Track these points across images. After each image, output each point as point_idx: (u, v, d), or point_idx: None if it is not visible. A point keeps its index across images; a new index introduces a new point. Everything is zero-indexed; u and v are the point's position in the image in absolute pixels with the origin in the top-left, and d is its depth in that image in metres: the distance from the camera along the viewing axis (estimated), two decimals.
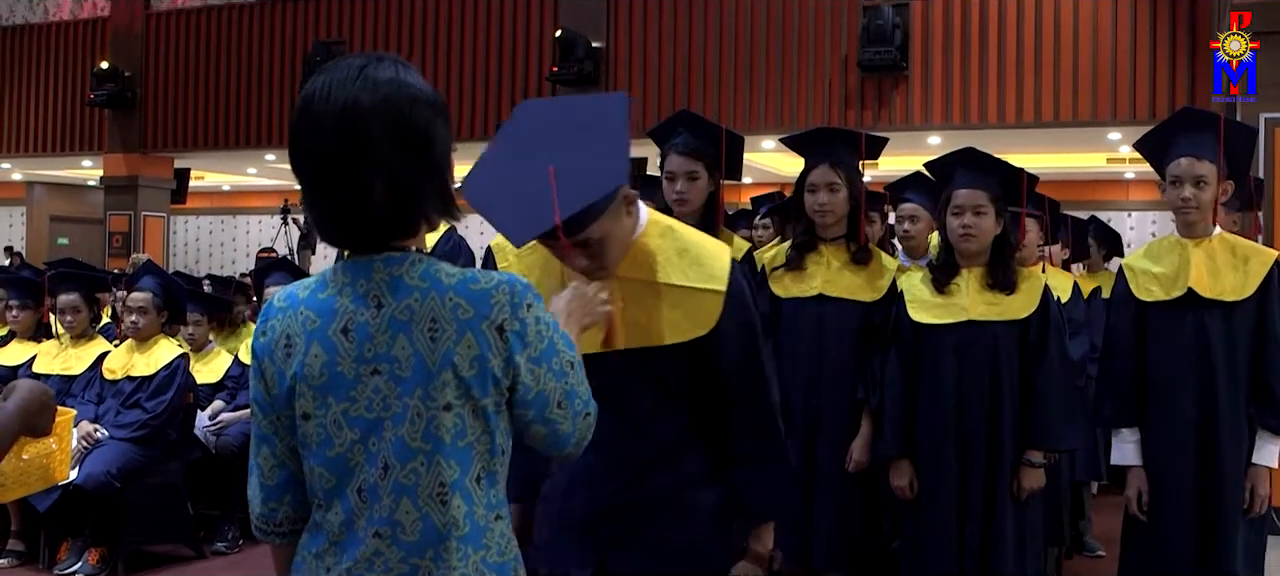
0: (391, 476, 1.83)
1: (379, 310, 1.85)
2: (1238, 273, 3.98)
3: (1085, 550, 6.49)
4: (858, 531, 4.36)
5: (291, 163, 1.91)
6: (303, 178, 1.90)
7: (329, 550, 1.87)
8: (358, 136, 1.83)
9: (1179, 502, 4.00)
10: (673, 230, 2.64)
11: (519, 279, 1.93)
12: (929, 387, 4.09)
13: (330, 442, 1.86)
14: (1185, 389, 4.00)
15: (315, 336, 1.86)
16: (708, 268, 2.58)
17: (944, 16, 11.78)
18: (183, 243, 22.99)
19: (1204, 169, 3.93)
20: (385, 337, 1.85)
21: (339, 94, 1.85)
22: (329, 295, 1.89)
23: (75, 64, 16.38)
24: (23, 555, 6.30)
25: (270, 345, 1.91)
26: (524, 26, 13.60)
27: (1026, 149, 12.63)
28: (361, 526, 1.84)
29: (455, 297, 1.86)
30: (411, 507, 1.83)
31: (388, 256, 1.88)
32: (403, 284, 1.86)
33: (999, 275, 4.05)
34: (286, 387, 1.88)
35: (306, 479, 1.91)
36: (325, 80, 1.88)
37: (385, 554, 1.83)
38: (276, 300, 1.95)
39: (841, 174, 4.30)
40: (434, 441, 1.84)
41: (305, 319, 1.88)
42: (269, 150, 15.91)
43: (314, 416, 1.86)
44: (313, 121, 1.86)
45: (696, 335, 2.55)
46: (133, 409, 6.26)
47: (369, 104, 1.84)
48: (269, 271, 7.81)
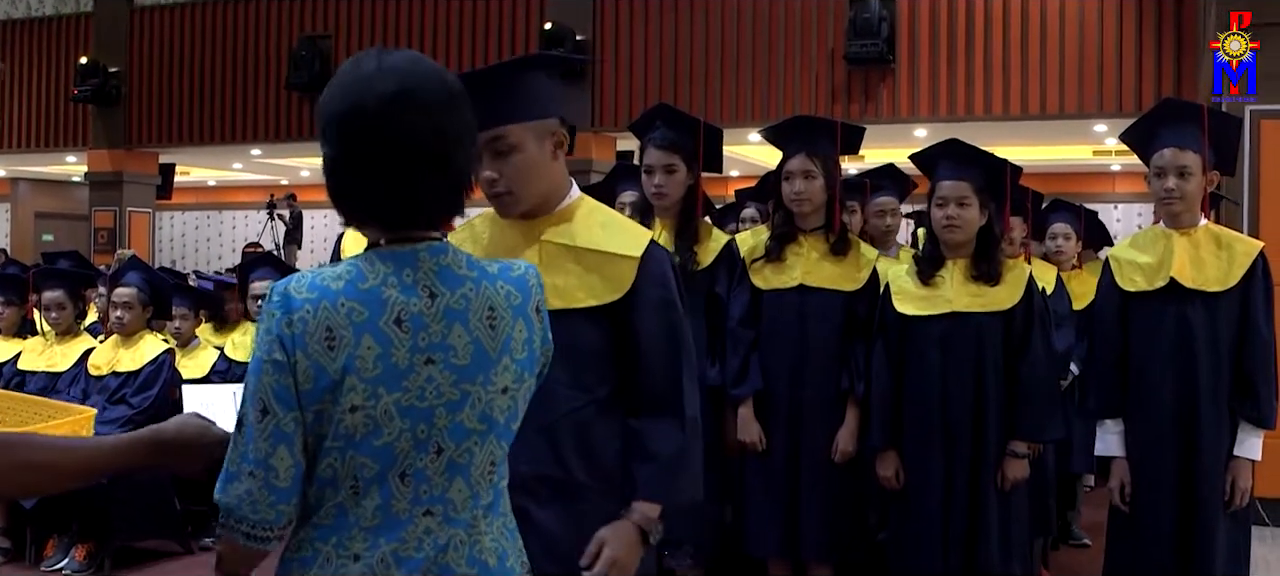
0: (444, 457, 1.87)
1: (433, 300, 1.87)
2: (1221, 263, 3.98)
3: (1072, 540, 6.51)
4: (844, 522, 4.37)
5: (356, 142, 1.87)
6: (387, 158, 1.86)
7: (357, 537, 1.84)
8: (453, 118, 1.89)
9: (1159, 494, 4.00)
10: (600, 209, 2.73)
11: (532, 264, 2.04)
12: (914, 379, 4.11)
13: (379, 432, 1.83)
14: (1166, 380, 4.00)
15: (366, 328, 1.83)
16: (627, 237, 2.66)
17: (930, 9, 11.79)
18: (168, 238, 22.92)
19: (1188, 159, 3.94)
20: (440, 327, 1.86)
21: (423, 78, 1.88)
22: (373, 286, 1.85)
23: (59, 59, 16.30)
24: (9, 552, 6.29)
25: (303, 338, 1.82)
26: (510, 19, 13.57)
27: (1013, 141, 12.65)
28: (404, 508, 1.85)
29: (505, 286, 1.94)
30: (464, 485, 1.89)
31: (431, 246, 1.90)
32: (452, 274, 1.90)
33: (984, 266, 4.07)
34: (329, 382, 1.81)
35: (331, 471, 1.85)
36: (389, 63, 1.88)
37: (434, 531, 1.87)
38: (297, 291, 1.85)
39: (818, 162, 4.31)
40: (489, 422, 1.91)
41: (350, 310, 1.83)
42: (254, 145, 15.87)
43: (362, 408, 1.82)
44: (417, 102, 1.86)
45: (610, 299, 2.58)
46: (118, 404, 6.24)
47: (452, 91, 1.91)
48: (255, 266, 7.79)
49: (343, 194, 1.91)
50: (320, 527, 1.87)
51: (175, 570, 6.29)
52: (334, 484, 1.86)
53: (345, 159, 1.89)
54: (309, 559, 1.86)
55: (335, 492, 1.86)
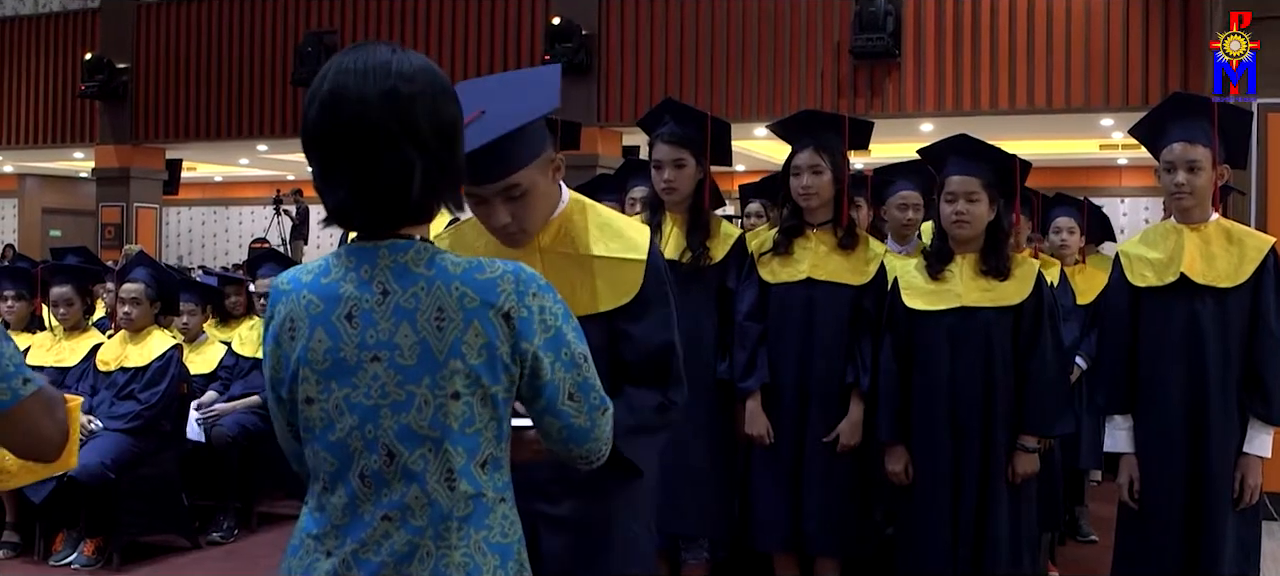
0: (398, 462, 1.85)
1: (384, 297, 1.87)
2: (1232, 259, 3.94)
3: (1080, 535, 6.50)
4: (851, 517, 4.36)
5: (316, 141, 1.90)
6: (333, 156, 1.89)
7: (330, 533, 1.89)
8: (406, 118, 1.86)
9: (1168, 490, 3.97)
10: (591, 207, 2.73)
11: (524, 267, 1.95)
12: (923, 374, 4.10)
13: (332, 427, 1.88)
14: (1176, 376, 3.96)
15: (319, 321, 1.88)
16: (628, 239, 2.67)
17: (936, 3, 11.79)
18: (175, 233, 22.96)
19: (1197, 154, 3.90)
20: (388, 325, 1.86)
21: (379, 76, 1.86)
22: (333, 280, 1.90)
23: (66, 55, 16.33)
24: (18, 547, 6.30)
25: (277, 329, 1.94)
26: (515, 14, 13.58)
27: (1019, 135, 12.65)
28: (368, 510, 1.86)
29: (461, 287, 1.87)
30: (420, 492, 1.85)
31: (393, 243, 1.89)
32: (409, 272, 1.88)
33: (992, 261, 4.06)
34: (291, 371, 1.91)
35: (309, 460, 1.94)
36: (356, 60, 1.88)
37: (393, 536, 1.85)
38: (282, 284, 1.97)
39: (826, 157, 4.32)
40: (442, 428, 1.86)
41: (309, 303, 1.90)
42: (261, 141, 15.90)
43: (316, 400, 1.89)
44: (355, 100, 1.85)
45: (621, 303, 2.61)
46: (127, 400, 6.25)
47: (413, 89, 1.87)
48: (261, 262, 7.81)
49: (321, 194, 1.93)
50: (309, 516, 1.94)
51: (183, 565, 6.30)
52: (313, 475, 1.94)
53: (317, 162, 1.92)
54: (296, 547, 1.95)
55: (315, 483, 1.93)
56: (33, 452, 2.07)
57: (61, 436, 2.07)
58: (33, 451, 2.07)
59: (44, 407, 2.02)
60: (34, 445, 2.04)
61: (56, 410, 2.06)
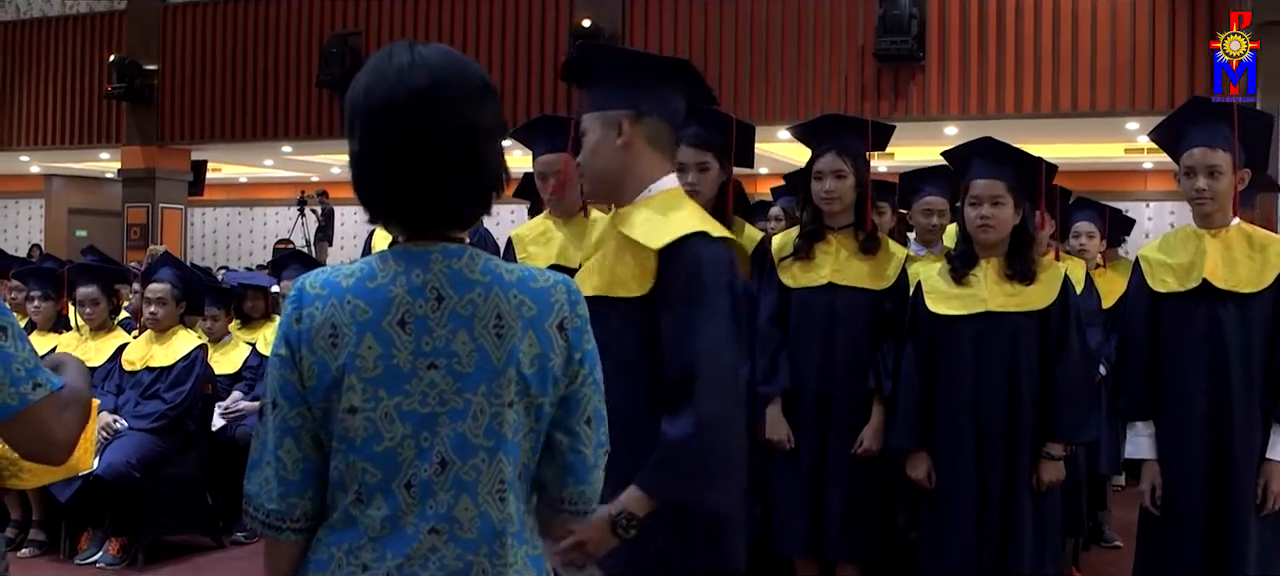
0: (450, 472, 1.81)
1: (439, 303, 1.82)
2: (1254, 264, 3.91)
3: (1103, 541, 6.48)
4: (871, 522, 4.34)
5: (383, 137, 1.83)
6: (404, 154, 1.82)
7: (366, 546, 1.81)
8: (484, 115, 1.86)
9: (1190, 497, 3.94)
10: (679, 199, 2.74)
11: (570, 280, 1.94)
12: (947, 379, 4.07)
13: (379, 437, 1.80)
14: (1197, 382, 3.93)
15: (368, 327, 1.81)
16: (659, 229, 2.64)
17: (960, 6, 11.75)
18: (200, 234, 23.06)
19: (1218, 158, 3.88)
20: (444, 332, 1.81)
21: (448, 73, 1.84)
22: (380, 285, 1.83)
23: (92, 57, 16.44)
24: (44, 545, 6.36)
25: (309, 334, 1.82)
26: (539, 17, 13.60)
27: (1044, 139, 12.58)
28: (411, 522, 1.80)
29: (519, 294, 1.85)
30: (470, 504, 1.81)
31: (446, 248, 1.85)
32: (464, 278, 1.83)
33: (1017, 265, 4.03)
34: (330, 379, 1.81)
35: (337, 473, 1.84)
36: (433, 55, 1.85)
37: (441, 550, 1.80)
38: (310, 287, 1.86)
39: (848, 161, 4.30)
40: (497, 438, 1.82)
41: (354, 308, 1.81)
42: (285, 142, 15.96)
43: (361, 410, 1.80)
44: (434, 96, 1.82)
45: (637, 294, 2.59)
46: (152, 399, 6.29)
47: (480, 86, 1.87)
48: (286, 263, 7.85)
49: (366, 189, 1.87)
50: (334, 531, 1.85)
51: (207, 564, 6.34)
52: (342, 487, 1.84)
53: (370, 154, 1.85)
54: (324, 561, 1.84)
55: (344, 495, 1.84)
56: (39, 455, 2.06)
57: (70, 440, 2.05)
58: (39, 454, 2.06)
59: (53, 412, 2.00)
60: (41, 449, 2.04)
61: (65, 413, 2.04)
